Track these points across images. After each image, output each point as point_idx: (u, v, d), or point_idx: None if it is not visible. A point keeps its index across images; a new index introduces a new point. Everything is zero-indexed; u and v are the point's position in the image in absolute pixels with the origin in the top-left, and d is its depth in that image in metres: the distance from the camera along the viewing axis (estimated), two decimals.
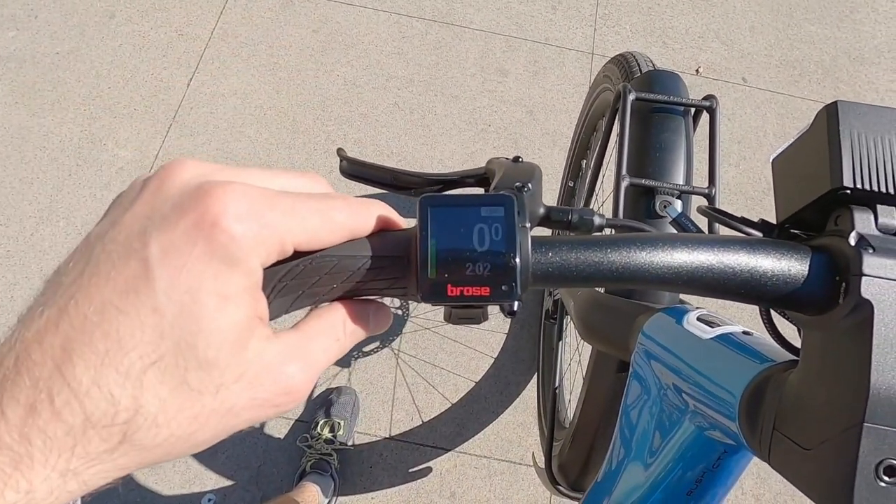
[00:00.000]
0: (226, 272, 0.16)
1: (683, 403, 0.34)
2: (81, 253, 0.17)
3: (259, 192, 0.17)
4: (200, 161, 0.19)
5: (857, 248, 0.21)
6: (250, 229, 0.16)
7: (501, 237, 0.19)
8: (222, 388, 0.16)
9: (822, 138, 0.24)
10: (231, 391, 0.16)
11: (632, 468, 0.40)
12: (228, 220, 0.16)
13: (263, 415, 0.17)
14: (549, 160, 1.42)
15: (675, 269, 0.21)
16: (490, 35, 1.57)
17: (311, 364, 0.18)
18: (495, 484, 1.14)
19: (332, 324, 0.20)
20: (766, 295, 0.22)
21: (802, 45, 1.65)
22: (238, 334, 0.16)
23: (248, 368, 0.17)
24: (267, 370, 0.17)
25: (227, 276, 0.16)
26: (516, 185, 0.21)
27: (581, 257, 0.21)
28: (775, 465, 0.24)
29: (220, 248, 0.16)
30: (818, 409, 0.22)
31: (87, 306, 0.15)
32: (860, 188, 0.22)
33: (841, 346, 0.21)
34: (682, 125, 0.60)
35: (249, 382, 0.17)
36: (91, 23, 1.49)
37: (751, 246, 0.22)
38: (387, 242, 0.20)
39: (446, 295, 0.19)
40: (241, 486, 1.11)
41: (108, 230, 0.17)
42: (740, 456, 0.33)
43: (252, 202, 0.17)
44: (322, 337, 0.19)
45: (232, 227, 0.16)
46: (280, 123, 1.42)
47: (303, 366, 0.18)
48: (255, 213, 0.17)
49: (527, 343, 1.25)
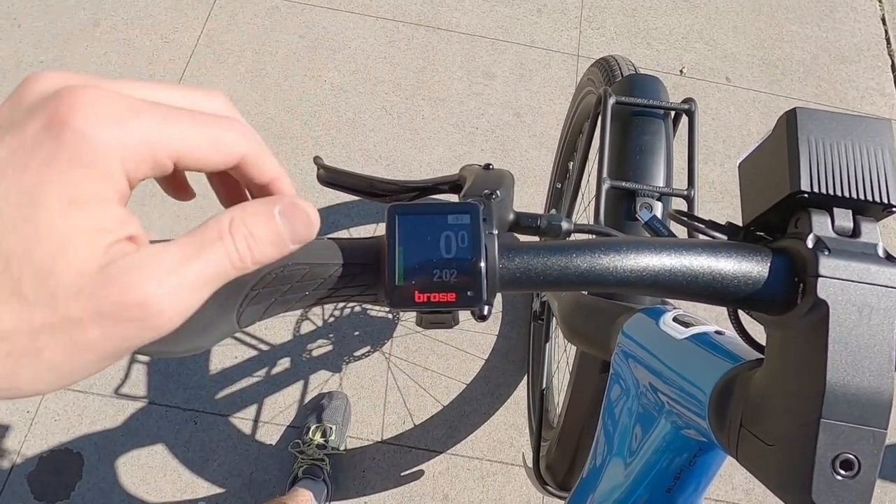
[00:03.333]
0: (76, 175, 0.15)
1: (659, 402, 0.35)
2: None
3: (124, 97, 0.16)
4: (67, 71, 0.17)
5: (813, 250, 0.22)
6: (107, 130, 0.15)
7: (467, 244, 0.20)
8: (60, 300, 0.15)
9: (782, 144, 0.24)
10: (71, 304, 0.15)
11: (614, 466, 0.41)
12: (81, 119, 0.15)
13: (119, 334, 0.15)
14: (537, 162, 1.43)
15: (639, 273, 0.22)
16: (476, 38, 1.58)
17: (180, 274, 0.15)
18: (488, 485, 1.14)
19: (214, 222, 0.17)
20: (728, 296, 0.23)
21: (784, 44, 1.67)
22: (85, 244, 0.15)
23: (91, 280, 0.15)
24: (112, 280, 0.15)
25: (76, 178, 0.15)
26: (485, 193, 0.22)
27: (547, 262, 0.21)
28: (742, 460, 0.25)
29: (70, 148, 0.15)
30: (779, 406, 0.23)
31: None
32: (817, 192, 0.23)
33: (800, 344, 0.22)
34: (662, 128, 0.61)
35: (92, 294, 0.15)
36: (75, 31, 1.49)
37: (713, 249, 0.23)
38: (357, 250, 0.20)
39: (413, 301, 0.19)
40: (234, 493, 1.10)
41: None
42: (715, 453, 0.34)
43: (113, 104, 0.15)
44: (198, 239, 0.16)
45: (85, 126, 0.15)
46: (267, 129, 1.42)
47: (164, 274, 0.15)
48: (114, 114, 0.15)
49: (517, 344, 1.26)
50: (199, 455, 1.12)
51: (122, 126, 0.15)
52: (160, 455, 1.12)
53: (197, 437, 1.13)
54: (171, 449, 1.12)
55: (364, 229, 1.33)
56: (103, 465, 1.10)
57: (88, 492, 1.08)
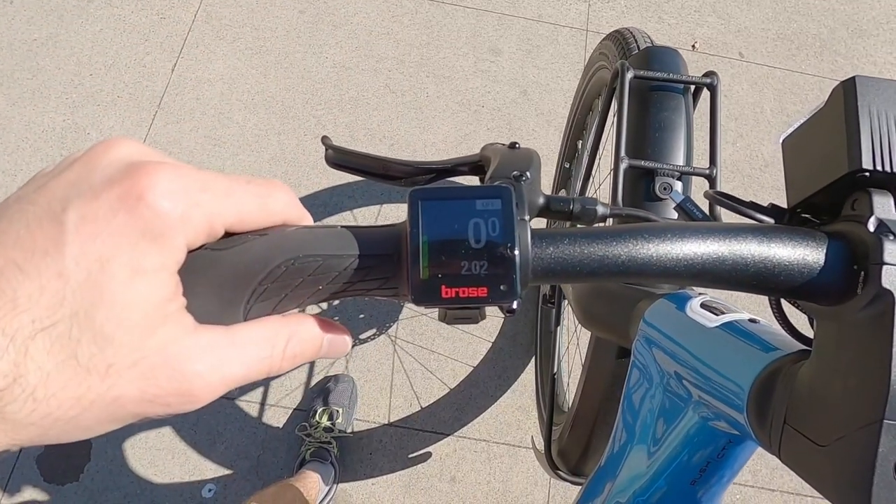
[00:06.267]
0: (144, 246, 0.15)
1: (687, 393, 0.34)
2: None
3: (193, 173, 0.17)
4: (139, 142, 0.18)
5: (876, 234, 0.20)
6: (177, 206, 0.16)
7: (499, 232, 0.18)
8: (112, 372, 0.15)
9: (839, 117, 0.22)
10: (122, 377, 0.15)
11: (635, 455, 0.39)
12: (155, 195, 0.15)
13: (152, 412, 0.16)
14: (545, 141, 1.40)
15: (686, 262, 0.20)
16: (481, 13, 1.53)
17: (225, 373, 0.16)
18: (495, 467, 1.15)
19: (273, 336, 0.18)
20: (779, 286, 0.21)
21: (800, 17, 1.62)
22: (144, 314, 0.15)
23: (146, 355, 0.15)
24: (166, 363, 0.15)
25: (144, 249, 0.15)
26: (514, 175, 0.20)
27: (584, 251, 0.19)
28: (786, 460, 0.23)
29: (142, 221, 0.15)
30: (833, 405, 0.21)
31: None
32: (880, 171, 0.21)
33: (859, 338, 0.20)
34: (682, 104, 0.58)
35: (143, 373, 0.15)
36: (69, 7, 1.44)
37: (763, 234, 0.21)
38: (375, 240, 0.18)
39: (440, 297, 0.17)
40: (241, 475, 1.11)
41: (30, 193, 0.16)
42: (746, 446, 0.32)
43: (183, 181, 0.16)
44: (253, 347, 0.17)
45: (158, 202, 0.15)
46: (268, 108, 1.38)
47: (212, 370, 0.16)
48: (184, 191, 0.16)
49: (524, 327, 1.25)
50: (207, 438, 1.12)
51: (190, 203, 0.16)
52: (168, 437, 1.12)
53: (204, 419, 1.13)
54: (178, 431, 1.12)
55: (369, 210, 1.30)
56: (111, 447, 1.11)
57: (98, 474, 1.09)
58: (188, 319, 0.16)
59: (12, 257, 0.14)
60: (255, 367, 0.17)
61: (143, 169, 0.16)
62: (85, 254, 0.15)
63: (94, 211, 0.15)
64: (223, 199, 0.17)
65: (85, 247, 0.15)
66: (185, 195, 0.16)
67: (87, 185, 0.15)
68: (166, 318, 0.16)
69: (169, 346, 0.15)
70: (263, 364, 0.17)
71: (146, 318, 0.15)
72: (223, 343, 0.17)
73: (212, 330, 0.17)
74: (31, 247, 0.14)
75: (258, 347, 0.17)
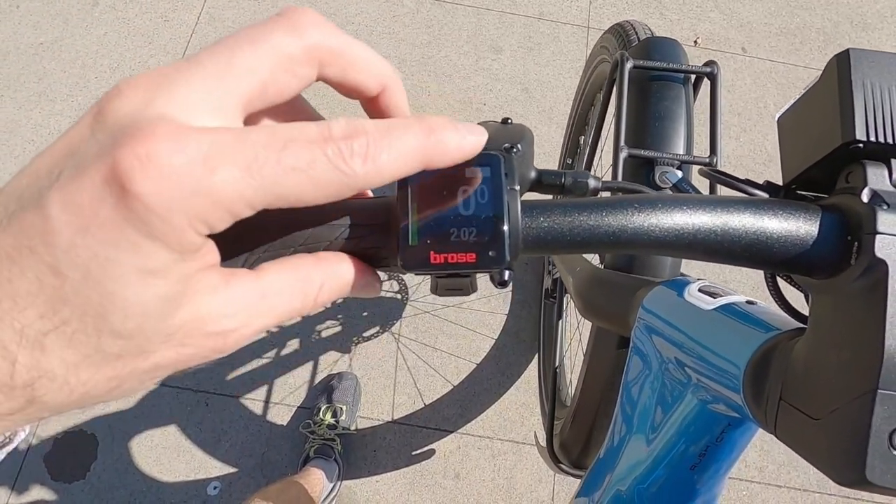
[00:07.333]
0: (147, 246, 0.13)
1: (686, 377, 0.33)
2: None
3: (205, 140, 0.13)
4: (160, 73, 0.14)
5: (870, 204, 0.20)
6: (176, 202, 0.13)
7: (488, 199, 0.18)
8: (146, 350, 0.14)
9: (833, 90, 0.22)
10: (156, 352, 0.15)
11: (634, 444, 0.39)
12: (145, 186, 0.12)
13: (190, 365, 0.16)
14: (547, 138, 1.40)
15: (677, 232, 0.20)
16: (482, 11, 1.53)
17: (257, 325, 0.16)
18: (499, 464, 1.14)
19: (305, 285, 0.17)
20: (773, 258, 0.21)
21: (803, 11, 1.61)
22: (166, 300, 0.14)
23: (177, 328, 0.14)
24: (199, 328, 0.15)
25: (147, 251, 0.13)
26: (504, 147, 0.20)
27: (575, 221, 0.19)
28: (782, 436, 0.23)
29: (134, 217, 0.12)
30: (828, 377, 0.21)
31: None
32: (874, 141, 0.21)
33: (852, 309, 0.20)
34: (682, 93, 0.58)
35: (179, 341, 0.15)
36: (74, 11, 1.46)
37: (756, 206, 0.21)
38: (366, 209, 0.18)
39: (429, 262, 0.17)
40: (246, 473, 1.11)
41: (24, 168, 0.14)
42: (745, 429, 0.32)
43: (187, 159, 0.13)
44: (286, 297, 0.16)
45: (149, 196, 0.12)
46: None
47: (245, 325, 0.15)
48: (184, 177, 0.13)
49: (527, 323, 1.25)
50: (212, 436, 1.13)
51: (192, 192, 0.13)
52: (173, 436, 1.12)
53: (209, 417, 1.14)
54: (183, 430, 1.13)
55: None
56: (117, 445, 1.11)
57: (104, 472, 1.10)
58: (213, 277, 0.15)
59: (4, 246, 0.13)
60: (286, 315, 0.16)
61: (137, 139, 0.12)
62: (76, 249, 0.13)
63: (78, 196, 0.13)
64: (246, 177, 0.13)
65: (74, 241, 0.13)
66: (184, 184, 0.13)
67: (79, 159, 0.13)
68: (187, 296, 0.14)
69: (200, 311, 0.15)
70: (294, 312, 0.17)
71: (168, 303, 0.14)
72: (254, 296, 0.15)
73: (241, 282, 0.15)
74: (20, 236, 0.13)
75: (291, 297, 0.16)
